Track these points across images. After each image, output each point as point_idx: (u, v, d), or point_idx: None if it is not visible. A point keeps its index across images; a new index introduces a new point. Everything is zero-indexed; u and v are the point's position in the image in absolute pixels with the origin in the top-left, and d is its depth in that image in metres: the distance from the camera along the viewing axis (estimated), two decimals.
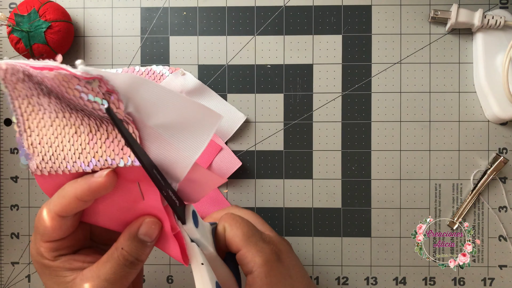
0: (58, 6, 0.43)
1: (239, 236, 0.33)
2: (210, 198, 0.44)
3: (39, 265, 0.31)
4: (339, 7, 0.45)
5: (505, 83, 0.41)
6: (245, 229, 0.34)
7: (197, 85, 0.44)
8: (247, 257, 0.33)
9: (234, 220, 0.35)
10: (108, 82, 0.26)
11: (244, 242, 0.33)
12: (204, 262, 0.31)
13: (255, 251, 0.33)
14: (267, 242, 0.34)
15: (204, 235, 0.32)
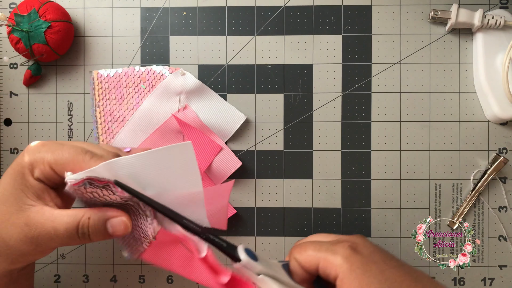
0: (58, 6, 0.43)
1: (310, 255, 0.34)
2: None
3: (17, 170, 0.32)
4: (339, 7, 0.45)
5: (505, 83, 0.41)
6: (311, 247, 0.34)
7: (197, 85, 0.44)
8: (327, 266, 0.33)
9: (299, 247, 0.35)
10: (97, 178, 0.30)
11: (317, 256, 0.33)
12: (278, 286, 0.32)
13: (330, 256, 0.33)
14: (337, 243, 0.34)
15: (271, 269, 0.33)
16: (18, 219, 0.31)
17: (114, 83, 0.44)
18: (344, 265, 0.33)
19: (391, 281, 0.32)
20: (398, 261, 0.35)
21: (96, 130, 0.45)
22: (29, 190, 0.32)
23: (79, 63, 0.45)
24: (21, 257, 0.32)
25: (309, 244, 0.35)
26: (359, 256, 0.33)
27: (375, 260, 0.33)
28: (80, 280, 0.45)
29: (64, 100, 0.45)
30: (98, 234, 0.32)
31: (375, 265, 0.33)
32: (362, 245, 0.34)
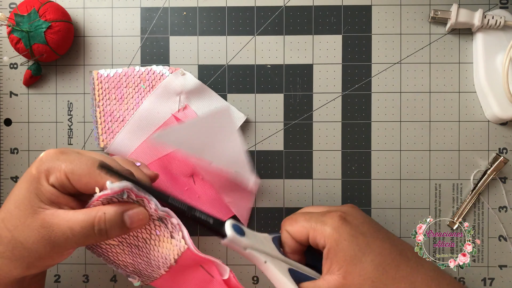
0: (58, 6, 0.43)
1: (301, 226, 0.35)
2: (211, 199, 0.44)
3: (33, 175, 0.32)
4: (339, 7, 0.45)
5: (505, 83, 0.41)
6: (302, 218, 0.35)
7: (197, 85, 0.44)
8: (316, 235, 0.34)
9: (290, 219, 0.36)
10: (136, 192, 0.31)
11: (307, 226, 0.34)
12: (266, 259, 0.34)
13: (320, 226, 0.34)
14: (328, 213, 0.35)
15: (259, 242, 0.34)
16: (33, 222, 0.31)
17: (114, 83, 0.44)
18: (333, 235, 0.33)
19: (376, 253, 0.33)
20: (386, 233, 0.35)
21: (96, 130, 0.45)
22: (44, 195, 0.32)
23: (79, 63, 0.45)
24: (38, 261, 0.32)
25: (300, 215, 0.36)
26: (348, 226, 0.34)
27: (363, 231, 0.34)
28: (80, 280, 0.45)
29: (64, 100, 0.45)
30: (116, 227, 0.32)
31: (362, 237, 0.34)
32: (352, 216, 0.35)
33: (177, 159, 0.44)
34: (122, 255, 0.35)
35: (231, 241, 0.33)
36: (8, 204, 0.32)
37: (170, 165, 0.44)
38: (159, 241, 0.34)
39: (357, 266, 0.33)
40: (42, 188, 0.32)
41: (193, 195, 0.44)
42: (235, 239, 0.33)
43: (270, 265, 0.34)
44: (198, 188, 0.44)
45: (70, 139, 0.45)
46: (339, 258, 0.33)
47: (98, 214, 0.31)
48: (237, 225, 0.34)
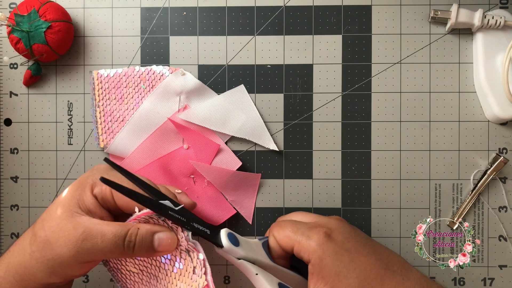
0: (58, 6, 0.43)
1: (287, 236, 0.35)
2: (211, 199, 0.44)
3: (81, 183, 0.34)
4: (339, 7, 0.45)
5: (505, 83, 0.41)
6: (289, 228, 0.35)
7: (197, 85, 0.44)
8: (301, 249, 0.34)
9: (278, 226, 0.36)
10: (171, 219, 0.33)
11: (293, 238, 0.35)
12: (258, 271, 0.34)
13: (305, 240, 0.34)
14: (313, 228, 0.35)
15: (251, 251, 0.35)
16: (67, 224, 0.32)
17: (114, 83, 0.44)
18: (317, 252, 0.34)
19: (360, 269, 0.33)
20: (372, 247, 0.35)
21: (96, 130, 0.45)
22: (84, 203, 0.33)
23: (79, 63, 0.45)
24: (61, 267, 0.32)
25: (288, 224, 0.36)
26: (332, 243, 0.34)
27: (348, 248, 0.34)
28: (80, 280, 0.45)
29: (64, 100, 0.45)
30: (144, 246, 0.32)
31: (347, 253, 0.34)
32: (337, 231, 0.35)
33: (177, 159, 0.44)
34: (139, 285, 0.36)
35: (227, 251, 0.34)
36: (52, 206, 0.34)
37: (170, 165, 0.44)
38: (180, 275, 0.34)
39: (343, 282, 0.33)
40: (84, 196, 0.33)
41: (193, 194, 0.44)
42: (230, 249, 0.34)
43: (261, 278, 0.34)
44: (197, 188, 0.44)
45: (70, 139, 0.45)
46: (325, 274, 0.33)
47: (132, 228, 0.32)
48: (232, 234, 0.35)
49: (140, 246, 0.32)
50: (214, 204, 0.44)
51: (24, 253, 0.33)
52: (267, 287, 0.34)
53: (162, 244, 0.33)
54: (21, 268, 0.33)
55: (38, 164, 0.45)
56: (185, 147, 0.44)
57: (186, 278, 0.34)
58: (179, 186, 0.44)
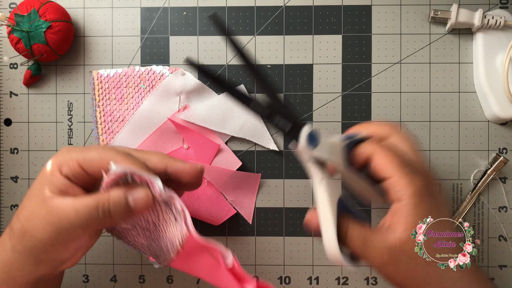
0: (58, 6, 0.43)
1: (392, 164, 0.33)
2: (211, 199, 0.44)
3: (45, 170, 0.33)
4: (339, 7, 0.45)
5: (505, 83, 0.41)
6: (398, 159, 0.33)
7: (197, 85, 0.44)
8: (397, 185, 0.33)
9: (385, 149, 0.34)
10: (139, 175, 0.32)
11: (397, 170, 0.33)
12: (324, 180, 0.33)
13: (407, 181, 0.32)
14: (420, 173, 0.33)
15: (329, 153, 0.33)
16: (40, 210, 0.32)
17: (114, 83, 0.44)
18: (414, 198, 0.32)
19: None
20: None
21: (96, 130, 0.45)
22: (54, 185, 0.32)
23: (79, 63, 0.45)
24: (45, 253, 0.32)
25: (395, 154, 0.34)
26: (430, 199, 0.33)
27: (441, 211, 0.34)
28: (80, 280, 0.45)
29: (64, 100, 0.45)
30: (119, 209, 0.32)
31: (438, 216, 0.33)
32: (437, 189, 0.34)
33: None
34: (138, 238, 0.36)
35: (300, 151, 0.32)
36: (24, 199, 0.33)
37: None
38: (167, 225, 0.34)
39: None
40: (54, 180, 0.32)
41: (193, 195, 0.44)
42: (304, 150, 0.32)
43: (322, 187, 0.33)
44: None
45: (70, 139, 0.45)
46: (408, 222, 0.33)
47: (101, 196, 0.32)
48: (313, 133, 0.32)
49: (116, 210, 0.32)
50: (214, 204, 0.44)
51: (5, 250, 0.33)
52: (325, 198, 0.32)
53: (138, 203, 0.32)
54: (6, 266, 0.33)
55: (38, 164, 0.45)
56: (185, 147, 0.44)
57: (172, 228, 0.34)
58: None
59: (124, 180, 0.32)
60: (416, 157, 0.35)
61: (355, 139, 0.35)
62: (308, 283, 0.45)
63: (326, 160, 0.33)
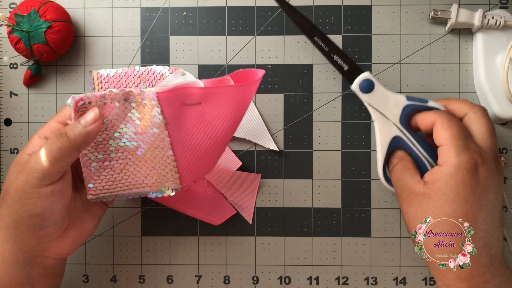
0: (58, 6, 0.43)
1: (447, 134, 0.35)
2: (211, 199, 0.44)
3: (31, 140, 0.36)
4: (339, 7, 0.45)
5: (505, 83, 0.41)
6: (455, 132, 0.35)
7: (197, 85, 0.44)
8: (445, 153, 0.35)
9: (448, 119, 0.36)
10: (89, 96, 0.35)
11: (450, 140, 0.35)
12: (376, 119, 0.39)
13: (455, 152, 0.34)
14: (469, 150, 0.35)
15: (382, 104, 0.39)
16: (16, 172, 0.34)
17: (114, 83, 0.44)
18: (453, 169, 0.34)
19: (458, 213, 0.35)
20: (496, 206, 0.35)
21: None
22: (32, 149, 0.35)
23: (79, 63, 0.45)
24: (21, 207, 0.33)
25: (455, 127, 0.35)
26: (472, 177, 0.34)
27: (478, 190, 0.34)
28: (80, 280, 0.45)
29: (64, 100, 0.45)
30: (75, 130, 0.33)
31: (473, 195, 0.34)
32: (485, 170, 0.35)
33: None
34: (127, 174, 0.37)
35: (353, 90, 0.40)
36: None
37: None
38: (140, 113, 0.36)
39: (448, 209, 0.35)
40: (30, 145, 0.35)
41: (193, 194, 0.44)
42: (356, 91, 0.40)
43: (376, 127, 0.39)
44: (197, 188, 0.44)
45: None
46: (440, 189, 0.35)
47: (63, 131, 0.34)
48: (367, 81, 0.39)
49: (72, 133, 0.33)
50: (214, 204, 0.44)
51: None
52: (377, 136, 0.39)
53: (88, 120, 0.34)
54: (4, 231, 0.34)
55: None
56: None
57: (145, 109, 0.36)
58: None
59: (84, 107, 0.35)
60: (484, 140, 0.36)
61: (420, 105, 0.39)
62: (308, 283, 0.45)
63: (378, 108, 0.39)
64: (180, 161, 0.37)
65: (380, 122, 0.39)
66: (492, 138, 0.36)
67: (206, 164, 0.38)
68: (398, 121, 0.39)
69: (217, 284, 0.45)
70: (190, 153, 0.37)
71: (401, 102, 0.39)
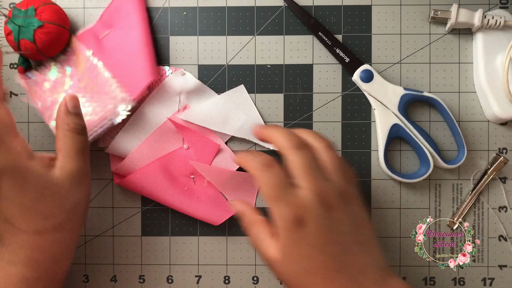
0: (58, 9, 0.42)
1: (267, 191, 0.33)
2: (211, 199, 0.44)
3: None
4: (339, 7, 0.45)
5: (505, 83, 0.41)
6: (272, 182, 0.33)
7: (197, 85, 0.44)
8: (273, 215, 0.33)
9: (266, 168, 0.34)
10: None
11: (270, 199, 0.33)
12: (376, 107, 0.42)
13: (276, 213, 0.33)
14: (290, 205, 0.32)
15: (381, 93, 0.42)
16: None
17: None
18: (282, 232, 0.32)
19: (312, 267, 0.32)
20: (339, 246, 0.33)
21: None
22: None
23: None
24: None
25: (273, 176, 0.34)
26: (298, 233, 0.32)
27: (312, 243, 0.32)
28: (80, 280, 0.45)
29: None
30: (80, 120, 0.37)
31: (306, 249, 0.32)
32: (314, 219, 0.32)
33: (177, 160, 0.44)
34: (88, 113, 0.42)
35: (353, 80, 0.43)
36: None
37: (170, 165, 0.44)
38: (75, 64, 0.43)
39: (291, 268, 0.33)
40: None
41: (193, 195, 0.44)
42: (356, 81, 0.43)
43: (376, 114, 0.42)
44: (197, 188, 0.44)
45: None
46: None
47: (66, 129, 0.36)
48: (367, 71, 0.42)
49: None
50: (214, 204, 0.44)
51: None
52: (378, 123, 0.42)
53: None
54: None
55: None
56: (185, 147, 0.44)
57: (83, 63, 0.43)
58: (179, 186, 0.44)
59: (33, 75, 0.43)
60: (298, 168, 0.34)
61: (417, 94, 0.42)
62: None
63: (377, 97, 0.42)
64: (118, 76, 0.42)
65: (380, 110, 0.42)
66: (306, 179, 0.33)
67: (141, 68, 0.42)
68: (397, 110, 0.42)
69: (217, 284, 0.45)
70: (122, 65, 0.42)
71: (398, 91, 0.42)
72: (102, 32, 0.44)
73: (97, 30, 0.44)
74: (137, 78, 0.42)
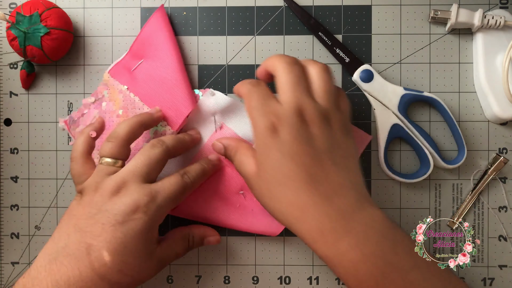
0: (62, 13, 0.42)
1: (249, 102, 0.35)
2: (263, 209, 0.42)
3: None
4: (339, 7, 0.45)
5: (505, 83, 0.41)
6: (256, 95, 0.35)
7: (229, 103, 0.43)
8: (251, 125, 0.35)
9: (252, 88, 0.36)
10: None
11: (250, 109, 0.35)
12: (376, 107, 0.42)
13: (254, 122, 0.34)
14: (267, 114, 0.34)
15: (381, 93, 0.42)
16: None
17: None
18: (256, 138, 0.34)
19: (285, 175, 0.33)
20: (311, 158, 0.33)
21: None
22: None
23: (79, 63, 0.45)
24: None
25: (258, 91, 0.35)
26: (271, 140, 0.33)
27: (283, 151, 0.33)
28: None
29: (64, 100, 0.45)
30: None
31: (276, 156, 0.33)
32: (289, 129, 0.33)
33: (223, 179, 0.43)
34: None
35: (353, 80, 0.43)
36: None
37: (217, 186, 0.43)
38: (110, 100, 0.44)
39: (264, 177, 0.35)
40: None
41: (246, 210, 0.43)
42: (356, 81, 0.43)
43: (376, 114, 0.42)
44: (249, 202, 0.43)
45: (70, 140, 0.45)
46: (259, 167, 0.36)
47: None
48: (367, 71, 0.42)
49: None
50: (267, 214, 0.42)
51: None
52: (378, 124, 0.42)
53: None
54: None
55: (38, 164, 0.45)
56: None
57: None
58: (231, 206, 0.43)
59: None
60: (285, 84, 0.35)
61: (417, 94, 0.42)
62: (308, 283, 0.45)
63: (377, 97, 0.42)
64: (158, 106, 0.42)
65: (380, 110, 0.42)
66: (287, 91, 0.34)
67: (180, 98, 0.41)
68: (397, 110, 0.42)
69: (217, 284, 0.45)
70: (159, 97, 0.41)
71: (398, 91, 0.42)
72: (133, 64, 0.43)
73: (127, 62, 0.44)
74: (177, 108, 0.41)
